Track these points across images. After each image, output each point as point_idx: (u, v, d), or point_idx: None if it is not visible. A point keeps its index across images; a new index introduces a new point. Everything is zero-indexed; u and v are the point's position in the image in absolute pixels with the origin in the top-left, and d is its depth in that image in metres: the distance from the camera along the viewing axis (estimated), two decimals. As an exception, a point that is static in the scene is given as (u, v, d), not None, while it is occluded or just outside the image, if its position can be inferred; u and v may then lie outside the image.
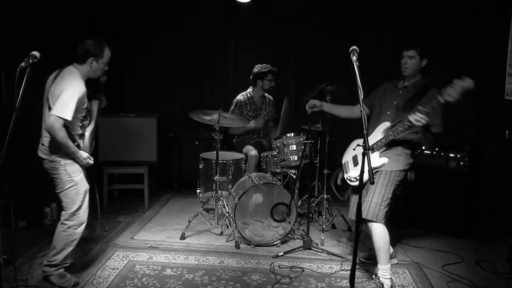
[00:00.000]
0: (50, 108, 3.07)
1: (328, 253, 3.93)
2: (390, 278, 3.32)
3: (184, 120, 5.45)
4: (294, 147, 4.36)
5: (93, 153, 3.52)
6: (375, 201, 3.24)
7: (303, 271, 3.59)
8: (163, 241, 4.18)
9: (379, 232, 3.26)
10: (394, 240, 4.30)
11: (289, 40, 5.90)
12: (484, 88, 4.77)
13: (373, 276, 3.44)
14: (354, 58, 2.64)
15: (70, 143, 3.13)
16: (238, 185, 4.48)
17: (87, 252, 3.86)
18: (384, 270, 3.31)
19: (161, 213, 5.04)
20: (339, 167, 3.72)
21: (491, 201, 4.61)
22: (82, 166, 3.32)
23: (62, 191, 3.23)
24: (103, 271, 3.52)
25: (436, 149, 4.51)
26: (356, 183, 3.41)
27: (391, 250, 3.65)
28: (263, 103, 5.19)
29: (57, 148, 3.15)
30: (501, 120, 4.55)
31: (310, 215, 4.50)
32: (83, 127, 3.33)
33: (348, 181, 3.54)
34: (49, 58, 3.07)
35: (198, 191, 4.60)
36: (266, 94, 5.22)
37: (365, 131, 2.44)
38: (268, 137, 5.23)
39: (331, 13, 5.68)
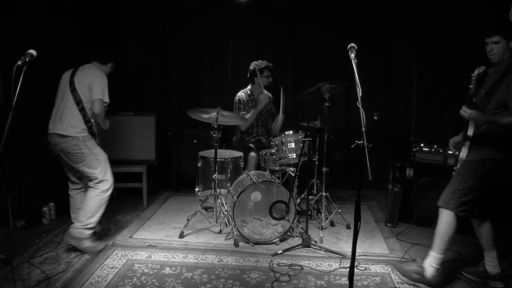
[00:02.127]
0: (76, 98, 3.63)
1: (327, 250, 3.93)
2: (436, 268, 3.27)
3: (182, 119, 5.44)
4: (293, 145, 4.36)
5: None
6: (449, 189, 3.23)
7: (302, 268, 3.59)
8: (162, 240, 4.18)
9: (445, 219, 3.24)
10: (393, 237, 4.31)
11: (288, 37, 5.89)
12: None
13: (418, 259, 3.39)
14: (352, 55, 2.63)
15: (107, 121, 3.86)
16: (236, 183, 4.48)
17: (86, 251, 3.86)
18: (434, 258, 3.27)
19: (159, 211, 5.03)
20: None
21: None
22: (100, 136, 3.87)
23: (84, 163, 3.67)
24: (102, 270, 3.51)
25: (435, 146, 4.51)
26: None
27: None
28: (262, 95, 5.16)
29: (77, 126, 3.63)
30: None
31: (309, 212, 4.49)
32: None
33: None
34: (47, 57, 3.07)
35: (196, 189, 4.60)
36: (265, 91, 5.20)
37: (363, 129, 2.42)
38: (267, 134, 5.22)
39: (330, 11, 5.68)
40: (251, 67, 5.00)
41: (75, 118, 3.65)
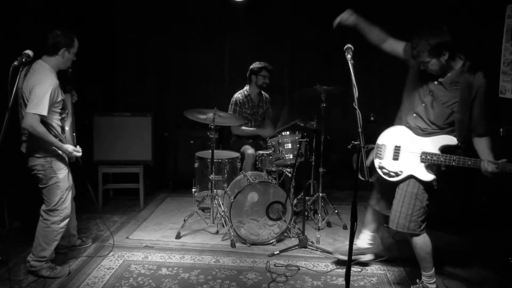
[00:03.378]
0: (26, 106, 3.05)
1: (324, 251, 3.93)
2: (435, 283, 3.20)
3: (179, 119, 5.43)
4: (290, 145, 4.36)
5: (88, 152, 3.53)
6: (404, 211, 3.05)
7: (299, 269, 3.59)
8: (158, 241, 4.17)
9: (418, 242, 3.10)
10: (389, 238, 4.31)
11: (284, 38, 5.90)
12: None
13: (417, 280, 3.28)
14: (348, 56, 2.64)
15: (52, 138, 3.15)
16: (233, 184, 4.48)
17: (82, 252, 3.85)
18: (428, 277, 3.18)
19: (156, 212, 5.02)
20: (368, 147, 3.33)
21: (486, 198, 4.62)
22: (69, 160, 3.37)
23: (45, 187, 3.28)
24: (98, 271, 3.51)
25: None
26: (392, 179, 3.11)
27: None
28: (260, 101, 5.18)
29: (41, 145, 3.16)
30: (495, 117, 4.56)
31: (306, 213, 4.50)
32: (63, 120, 3.33)
33: (378, 169, 3.20)
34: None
35: (193, 190, 4.60)
36: (263, 92, 5.20)
37: (359, 129, 2.43)
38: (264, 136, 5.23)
39: (325, 12, 5.68)
40: (251, 67, 5.02)
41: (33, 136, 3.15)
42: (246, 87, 5.11)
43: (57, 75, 3.24)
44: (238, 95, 5.06)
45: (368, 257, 3.66)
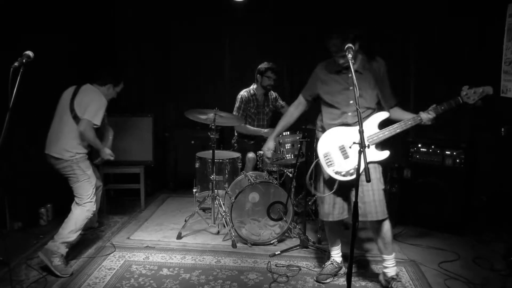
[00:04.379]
0: (76, 117, 3.64)
1: (325, 251, 3.93)
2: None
3: (180, 120, 5.43)
4: (290, 145, 4.36)
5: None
6: (380, 198, 3.13)
7: (300, 269, 3.59)
8: (159, 241, 4.17)
9: (388, 226, 3.23)
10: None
11: (285, 38, 5.89)
12: (480, 85, 4.77)
13: (382, 272, 3.35)
14: (349, 56, 2.63)
15: (98, 141, 3.77)
16: (234, 184, 4.47)
17: (83, 252, 3.85)
18: (392, 259, 3.30)
19: (157, 212, 5.02)
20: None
21: (487, 198, 4.62)
22: (99, 160, 3.99)
23: (77, 184, 3.68)
24: (99, 271, 3.51)
25: (432, 146, 4.51)
26: (350, 177, 3.11)
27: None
28: (265, 100, 5.17)
29: (71, 150, 3.65)
30: (496, 117, 4.55)
31: (307, 213, 4.49)
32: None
33: (336, 175, 3.15)
34: (46, 58, 3.06)
35: (194, 190, 4.59)
36: (270, 91, 5.21)
37: (360, 129, 2.43)
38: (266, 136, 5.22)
39: (325, 12, 5.68)
40: (258, 66, 5.03)
41: (71, 141, 3.65)
42: (253, 86, 5.11)
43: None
44: (244, 92, 5.06)
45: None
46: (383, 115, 3.16)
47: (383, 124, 3.16)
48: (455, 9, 5.20)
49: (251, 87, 5.11)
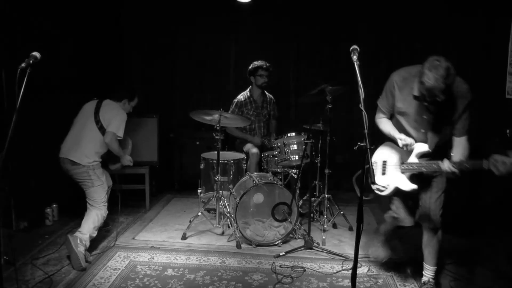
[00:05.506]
0: (102, 128, 3.96)
1: (330, 252, 3.93)
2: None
3: (185, 120, 5.44)
4: (295, 146, 4.36)
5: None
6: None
7: (305, 270, 3.59)
8: (164, 241, 4.18)
9: (430, 236, 3.29)
10: (395, 239, 4.30)
11: (290, 39, 5.90)
12: (485, 87, 4.77)
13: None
14: (354, 57, 2.62)
15: (121, 150, 4.15)
16: (239, 185, 4.48)
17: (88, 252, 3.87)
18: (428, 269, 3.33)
19: (162, 213, 5.04)
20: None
21: (492, 199, 4.60)
22: (118, 166, 4.35)
23: (92, 189, 3.90)
24: (105, 271, 3.52)
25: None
26: (382, 193, 3.19)
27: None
28: (263, 101, 5.18)
29: (91, 157, 3.90)
30: (502, 119, 4.54)
31: (311, 214, 4.49)
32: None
33: (372, 185, 3.29)
34: (52, 59, 3.08)
35: (199, 191, 4.60)
36: (266, 93, 5.21)
37: (366, 131, 2.42)
38: (269, 135, 5.23)
39: (332, 13, 5.68)
40: (249, 68, 5.03)
41: (91, 149, 3.90)
42: (249, 88, 5.13)
43: None
44: (240, 96, 5.09)
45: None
46: (421, 146, 3.05)
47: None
48: (459, 10, 5.20)
49: (247, 90, 5.12)
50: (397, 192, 3.18)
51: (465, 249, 4.05)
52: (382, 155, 3.28)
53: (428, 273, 3.30)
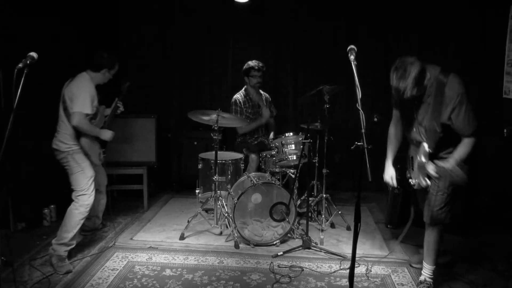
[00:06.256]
0: (65, 109, 3.64)
1: (328, 252, 3.93)
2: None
3: (183, 121, 5.45)
4: (293, 146, 4.37)
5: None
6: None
7: (303, 270, 3.60)
8: (162, 242, 4.18)
9: (430, 233, 3.34)
10: (394, 239, 4.31)
11: (288, 39, 5.90)
12: (482, 86, 4.78)
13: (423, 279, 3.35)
14: (352, 57, 2.64)
15: (95, 129, 3.79)
16: (237, 185, 4.48)
17: (86, 253, 3.86)
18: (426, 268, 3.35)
19: (160, 213, 5.04)
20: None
21: (490, 199, 4.61)
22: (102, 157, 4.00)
23: (72, 176, 3.71)
24: (103, 272, 3.52)
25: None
26: (412, 188, 3.30)
27: None
28: (260, 100, 5.18)
29: (67, 142, 3.67)
30: (499, 118, 4.55)
31: (309, 214, 4.50)
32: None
33: (409, 179, 3.34)
34: (49, 60, 3.08)
35: (197, 191, 4.60)
36: (261, 92, 5.20)
37: (363, 130, 2.43)
38: (268, 135, 5.23)
39: (329, 13, 5.69)
40: (243, 69, 5.03)
41: (66, 134, 3.68)
42: (244, 88, 5.10)
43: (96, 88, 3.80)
44: (237, 95, 5.06)
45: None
46: (424, 147, 3.06)
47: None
48: (457, 10, 5.21)
49: (242, 89, 5.11)
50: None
51: (464, 249, 4.05)
52: (414, 151, 3.27)
53: (426, 271, 3.30)
